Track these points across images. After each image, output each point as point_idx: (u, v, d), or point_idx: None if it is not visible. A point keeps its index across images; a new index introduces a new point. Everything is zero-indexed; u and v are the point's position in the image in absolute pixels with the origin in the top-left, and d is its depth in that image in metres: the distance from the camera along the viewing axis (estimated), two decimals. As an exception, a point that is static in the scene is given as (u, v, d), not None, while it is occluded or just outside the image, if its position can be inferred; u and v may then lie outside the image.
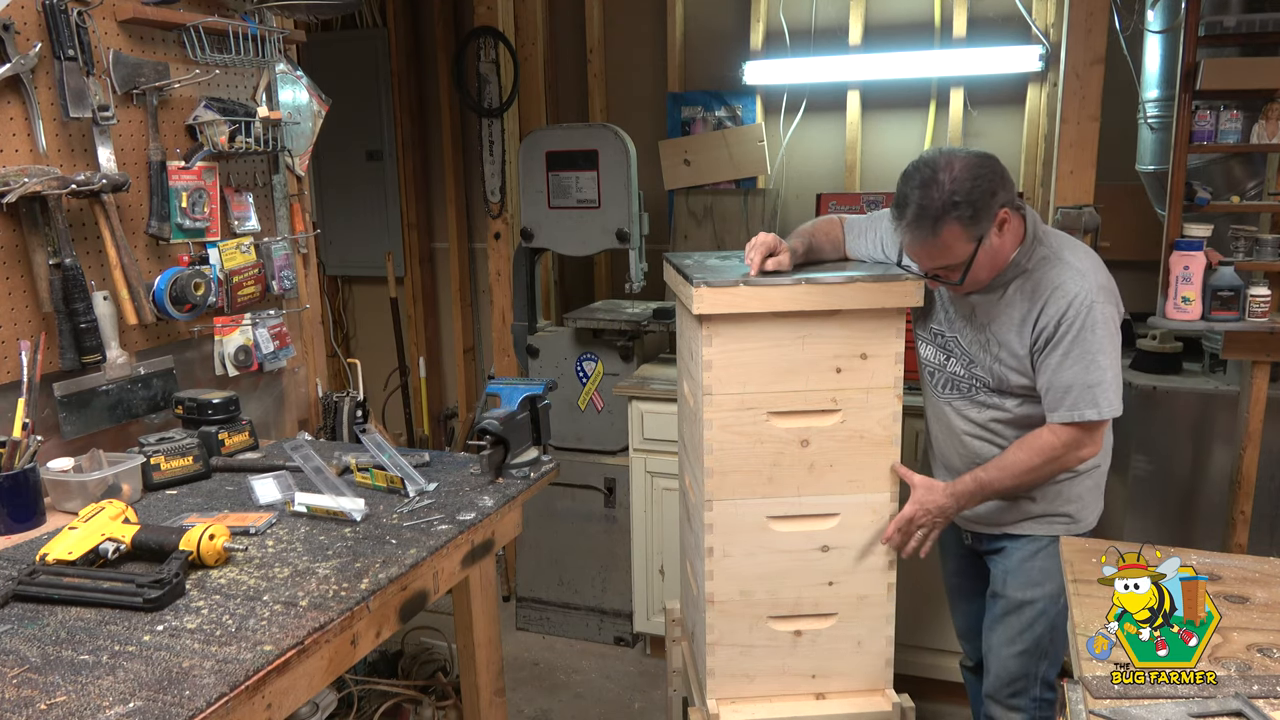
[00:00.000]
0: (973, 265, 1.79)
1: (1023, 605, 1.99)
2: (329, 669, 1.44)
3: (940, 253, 1.78)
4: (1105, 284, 1.81)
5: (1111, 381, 1.80)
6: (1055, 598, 1.95)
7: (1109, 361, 1.79)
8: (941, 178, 1.73)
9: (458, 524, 1.72)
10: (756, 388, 1.91)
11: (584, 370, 3.29)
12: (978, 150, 1.80)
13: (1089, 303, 1.77)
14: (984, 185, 1.73)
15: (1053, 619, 1.97)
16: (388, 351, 4.28)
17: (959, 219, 1.73)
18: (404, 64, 4.02)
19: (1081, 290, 1.78)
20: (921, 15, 3.31)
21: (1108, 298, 1.80)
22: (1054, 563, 1.91)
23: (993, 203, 1.74)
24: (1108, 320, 1.79)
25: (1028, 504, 1.96)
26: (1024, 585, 1.98)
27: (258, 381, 2.49)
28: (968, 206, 1.72)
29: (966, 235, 1.75)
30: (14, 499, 1.69)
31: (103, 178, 1.94)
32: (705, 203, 3.51)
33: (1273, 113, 2.51)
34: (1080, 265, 1.81)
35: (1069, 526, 1.96)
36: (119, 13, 2.02)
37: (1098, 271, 1.82)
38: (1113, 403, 1.81)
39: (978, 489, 1.90)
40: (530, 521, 3.35)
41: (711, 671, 2.06)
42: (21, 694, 1.18)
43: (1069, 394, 1.80)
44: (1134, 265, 2.86)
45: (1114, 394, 1.80)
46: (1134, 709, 1.15)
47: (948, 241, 1.76)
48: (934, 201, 1.73)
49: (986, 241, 1.77)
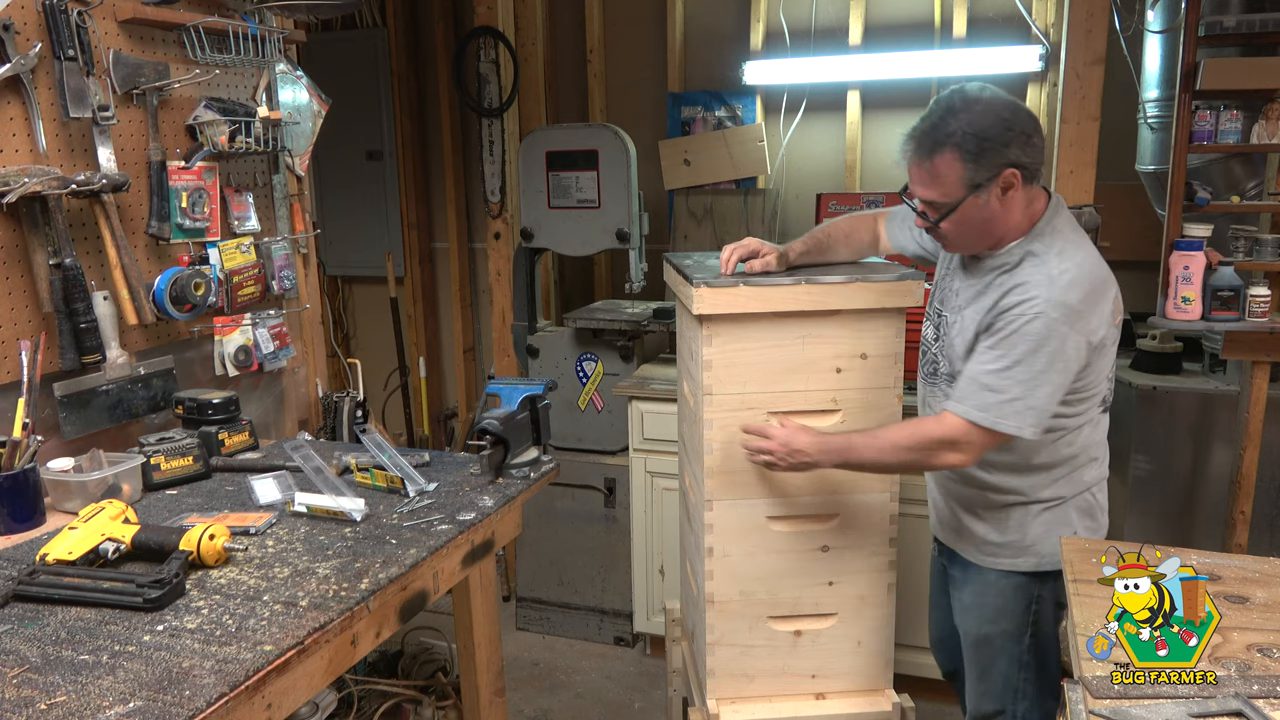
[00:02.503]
0: (957, 214, 1.67)
1: (979, 642, 1.90)
2: (329, 669, 1.44)
3: (930, 181, 1.68)
4: (1076, 305, 1.62)
5: (1015, 398, 1.62)
6: (1016, 636, 1.84)
7: (1025, 377, 1.62)
8: (963, 107, 1.63)
9: (458, 524, 1.72)
10: (756, 388, 1.91)
11: (584, 370, 3.29)
12: (1018, 102, 1.68)
13: (1038, 312, 1.61)
14: (999, 132, 1.62)
15: (1019, 658, 1.85)
16: (388, 351, 4.28)
17: (958, 150, 1.62)
18: (404, 64, 4.02)
19: (1040, 296, 1.62)
20: (921, 15, 3.31)
21: (1067, 318, 1.62)
22: (1009, 601, 1.83)
23: (1002, 152, 1.62)
24: (1050, 338, 1.61)
25: (974, 524, 1.86)
26: (979, 621, 1.89)
27: (258, 381, 2.49)
28: (973, 141, 1.61)
29: (961, 173, 1.64)
30: (14, 499, 1.69)
31: (103, 178, 1.94)
32: (705, 203, 3.51)
33: (1273, 113, 2.51)
34: (1059, 275, 1.64)
35: (1013, 562, 1.82)
36: (119, 13, 2.02)
37: (1072, 289, 1.63)
38: (1008, 419, 1.63)
39: (845, 448, 1.77)
40: (530, 521, 3.35)
41: (711, 671, 2.06)
42: (21, 694, 1.18)
43: (970, 386, 1.67)
44: (1134, 265, 2.86)
45: (1012, 411, 1.62)
46: (1134, 709, 1.15)
47: (940, 170, 1.65)
48: (944, 125, 1.63)
49: (983, 196, 1.65)
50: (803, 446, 1.79)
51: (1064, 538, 1.67)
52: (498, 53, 3.46)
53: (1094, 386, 1.74)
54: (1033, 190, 1.72)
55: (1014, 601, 1.84)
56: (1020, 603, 1.83)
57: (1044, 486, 1.80)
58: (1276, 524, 2.69)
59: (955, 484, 1.89)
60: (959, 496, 1.89)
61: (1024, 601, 1.83)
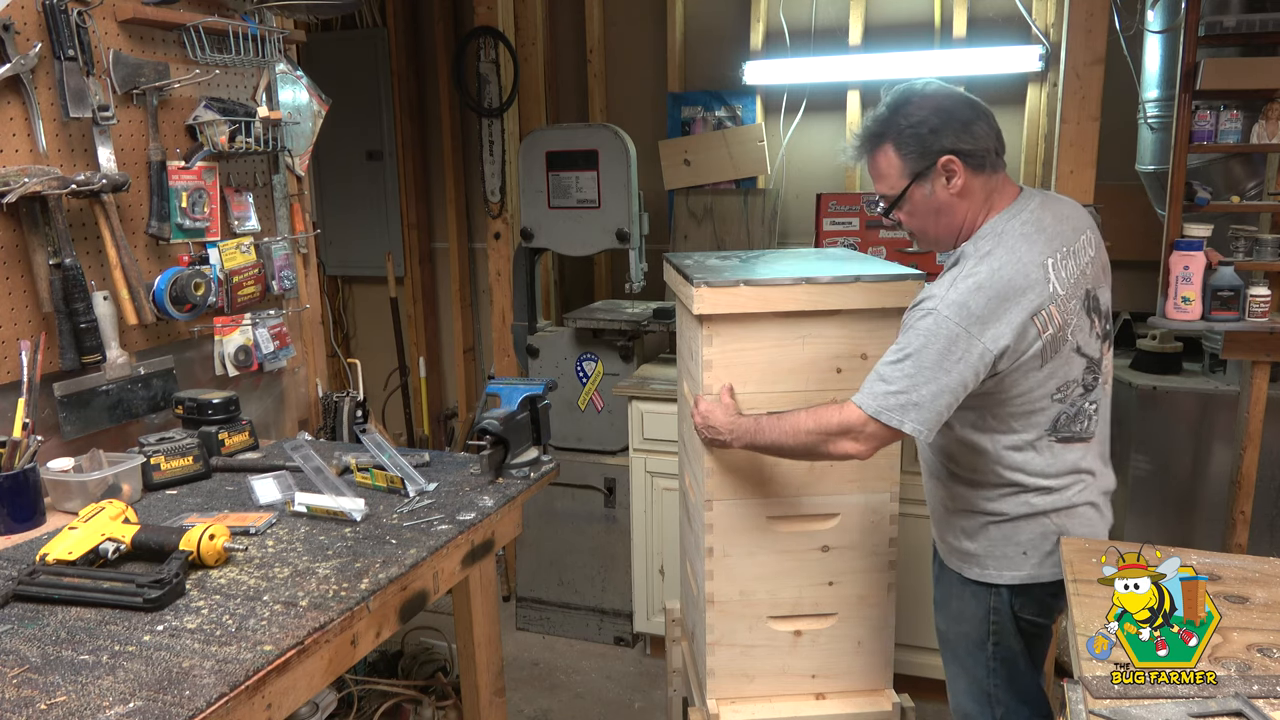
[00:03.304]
0: (907, 205, 1.69)
1: (945, 640, 1.89)
2: (329, 669, 1.44)
3: (877, 177, 1.72)
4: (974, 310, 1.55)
5: (899, 391, 1.58)
6: (978, 642, 1.79)
7: (911, 371, 1.57)
8: (902, 103, 1.66)
9: (458, 524, 1.72)
10: (756, 388, 1.91)
11: (584, 370, 3.29)
12: (962, 94, 1.69)
13: (929, 309, 1.58)
14: (936, 121, 1.64)
15: (985, 664, 1.80)
16: (388, 351, 4.28)
17: (895, 144, 1.66)
18: (404, 64, 4.02)
19: (937, 295, 1.59)
20: (921, 15, 3.31)
21: (961, 320, 1.55)
22: (968, 605, 1.79)
23: (934, 140, 1.63)
24: (938, 336, 1.56)
25: (940, 524, 1.84)
26: (945, 618, 1.87)
27: (258, 381, 2.49)
28: (907, 132, 1.64)
29: (900, 164, 1.66)
30: (14, 499, 1.69)
31: (103, 178, 1.94)
32: (705, 203, 3.51)
33: (1273, 113, 2.51)
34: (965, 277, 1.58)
35: (967, 568, 1.78)
36: (119, 13, 2.02)
37: (977, 293, 1.56)
38: (893, 411, 1.58)
39: (754, 430, 1.77)
40: (530, 521, 3.35)
41: (711, 671, 2.06)
42: (21, 694, 1.18)
43: (869, 376, 1.64)
44: (1134, 265, 2.86)
45: (896, 404, 1.57)
46: (1134, 709, 1.15)
47: (880, 164, 1.69)
48: (883, 121, 1.67)
49: (926, 186, 1.66)
50: (716, 424, 1.84)
51: (1064, 538, 1.66)
52: (498, 53, 3.46)
53: (1027, 405, 1.64)
54: (993, 181, 1.68)
55: (972, 607, 1.80)
56: (978, 610, 1.79)
57: (988, 500, 1.73)
58: (1276, 524, 2.69)
59: (931, 480, 1.87)
60: (932, 494, 1.88)
61: (981, 610, 1.79)
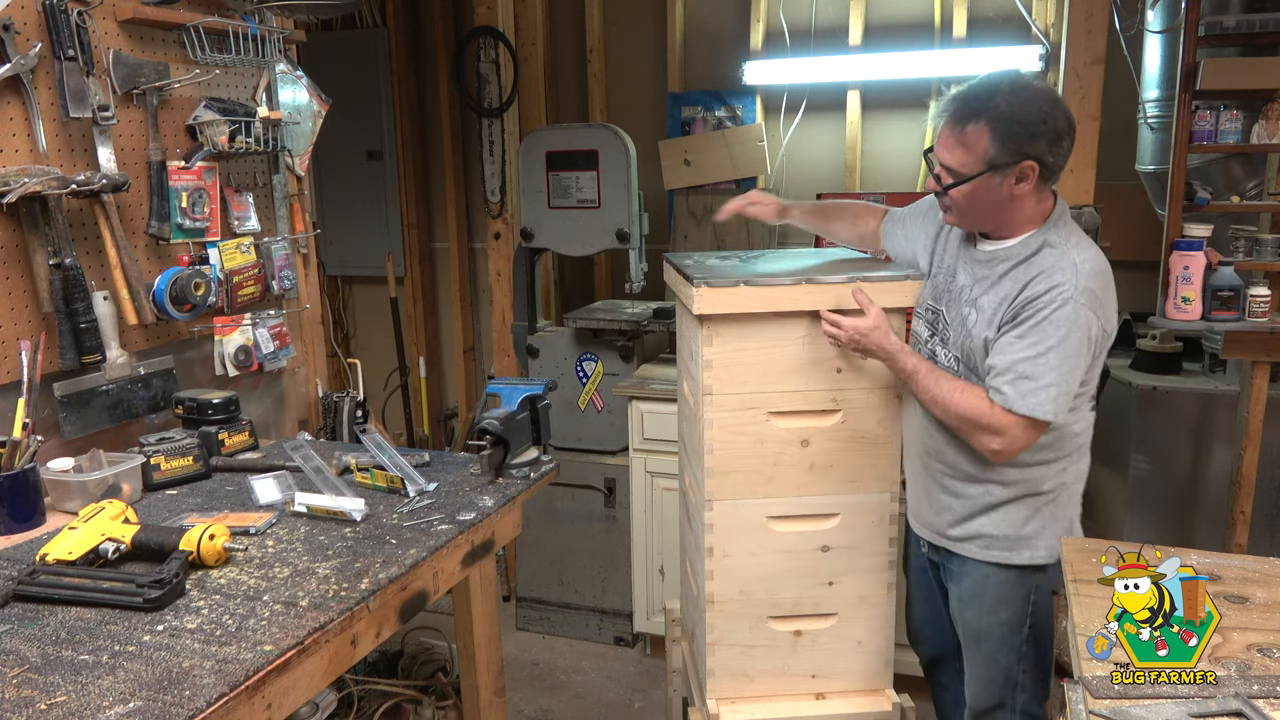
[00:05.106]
0: (970, 186, 1.71)
1: (980, 635, 1.90)
2: (329, 669, 1.44)
3: (955, 147, 1.71)
4: (1098, 293, 1.69)
5: (1050, 384, 1.67)
6: (1015, 627, 1.85)
7: (1057, 362, 1.67)
8: (1010, 88, 1.67)
9: (458, 524, 1.72)
10: (756, 388, 1.91)
11: (584, 370, 3.29)
12: (1062, 102, 1.71)
13: (1067, 298, 1.66)
14: (1034, 122, 1.65)
15: (1019, 649, 1.87)
16: (388, 351, 4.28)
17: (990, 125, 1.66)
18: (404, 64, 4.02)
19: (1066, 283, 1.67)
20: (921, 15, 3.31)
21: (1091, 304, 1.68)
22: (1009, 590, 1.85)
23: (1029, 141, 1.65)
24: (1076, 324, 1.67)
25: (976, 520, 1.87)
26: (979, 613, 1.89)
27: (258, 381, 2.49)
28: (1007, 122, 1.65)
29: (987, 148, 1.67)
30: (14, 499, 1.69)
31: (103, 178, 1.94)
32: (705, 203, 3.51)
33: (1273, 113, 2.51)
34: (1082, 264, 1.70)
35: (1007, 555, 1.84)
36: (119, 13, 2.02)
37: (1095, 278, 1.69)
38: (1045, 405, 1.68)
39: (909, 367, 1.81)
40: (530, 521, 3.35)
41: (711, 671, 2.06)
42: (21, 694, 1.18)
43: (1005, 374, 1.70)
44: (1134, 265, 2.86)
45: (1048, 398, 1.67)
46: (1134, 709, 1.15)
47: (968, 139, 1.69)
48: (987, 97, 1.67)
49: (998, 178, 1.69)
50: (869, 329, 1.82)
51: (1064, 538, 1.67)
52: (498, 53, 3.46)
53: (1094, 379, 1.80)
54: (1044, 190, 1.76)
55: (1017, 591, 1.84)
56: (1022, 592, 1.84)
57: (1047, 479, 1.82)
58: (1276, 524, 2.69)
59: (954, 480, 1.87)
60: (957, 493, 1.88)
61: (1024, 592, 1.84)
